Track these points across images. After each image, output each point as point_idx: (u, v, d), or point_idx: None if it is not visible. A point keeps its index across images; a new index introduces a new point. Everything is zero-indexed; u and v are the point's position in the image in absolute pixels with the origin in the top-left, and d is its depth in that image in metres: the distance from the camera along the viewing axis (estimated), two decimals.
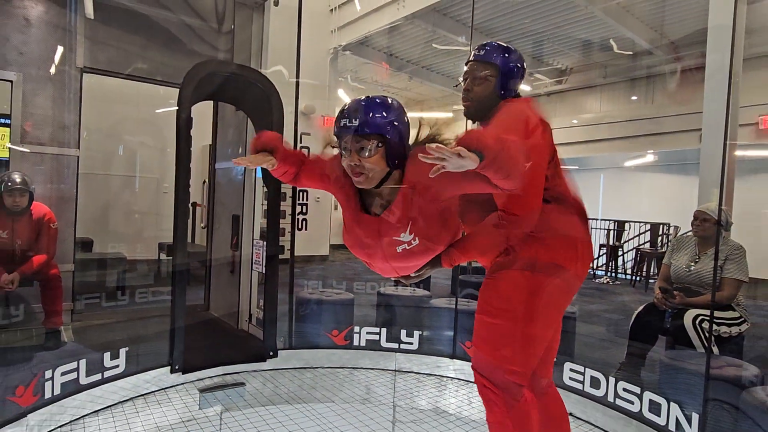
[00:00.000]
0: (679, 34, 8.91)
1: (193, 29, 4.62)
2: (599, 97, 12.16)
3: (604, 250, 9.02)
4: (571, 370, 2.97)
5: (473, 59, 1.92)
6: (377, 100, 1.50)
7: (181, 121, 3.07)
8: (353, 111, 1.48)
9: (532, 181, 1.65)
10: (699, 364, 2.56)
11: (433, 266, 1.76)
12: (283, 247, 3.73)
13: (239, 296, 4.31)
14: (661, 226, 9.14)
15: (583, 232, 1.85)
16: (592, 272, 8.81)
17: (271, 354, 3.52)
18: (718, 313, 2.93)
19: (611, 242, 9.23)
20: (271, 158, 1.68)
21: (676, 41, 9.12)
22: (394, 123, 1.51)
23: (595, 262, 8.75)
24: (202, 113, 4.38)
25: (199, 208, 6.71)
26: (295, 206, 4.01)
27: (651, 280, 7.84)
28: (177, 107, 3.11)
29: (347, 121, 1.47)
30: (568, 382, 2.97)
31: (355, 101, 1.52)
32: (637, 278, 8.30)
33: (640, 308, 3.27)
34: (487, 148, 1.29)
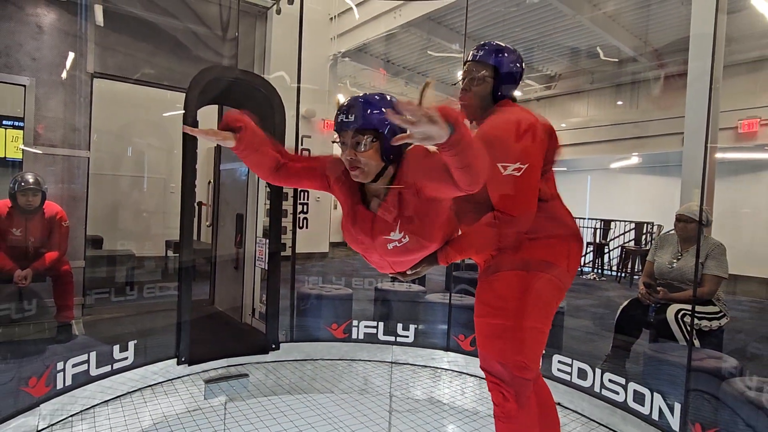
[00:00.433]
0: (663, 42, 8.92)
1: (199, 36, 4.61)
2: (586, 102, 12.16)
3: (591, 248, 9.03)
4: (560, 362, 2.98)
5: (471, 59, 1.85)
6: (375, 97, 1.47)
7: (187, 124, 3.06)
8: (350, 107, 1.46)
9: (528, 184, 1.63)
10: (681, 357, 2.57)
11: (430, 263, 1.73)
12: (285, 245, 3.73)
13: (243, 291, 4.31)
14: (645, 225, 9.15)
15: (573, 229, 1.82)
16: (580, 269, 8.81)
17: (273, 346, 3.52)
18: (699, 308, 2.94)
19: (598, 240, 9.24)
20: (230, 135, 1.52)
21: (660, 49, 9.12)
22: (389, 119, 1.46)
23: (583, 259, 8.75)
24: (208, 117, 4.35)
25: (204, 207, 6.69)
26: (297, 205, 4.01)
27: (635, 277, 7.86)
28: (183, 111, 3.10)
29: (344, 117, 1.46)
30: (557, 373, 2.98)
31: (353, 98, 1.49)
32: (623, 274, 8.31)
33: (625, 303, 3.28)
34: (459, 124, 1.17)
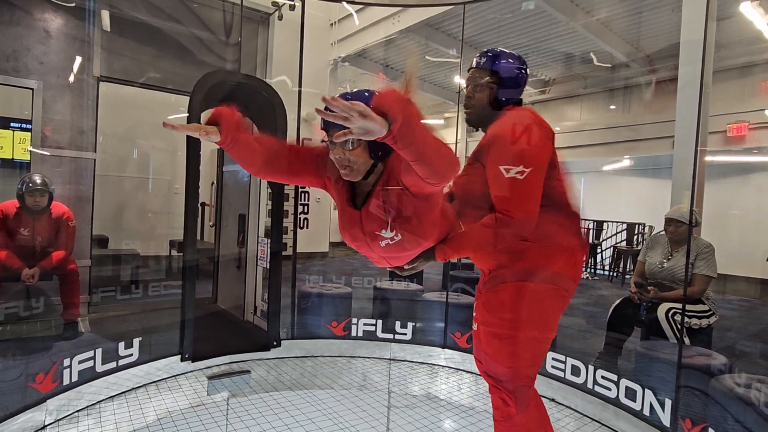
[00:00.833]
0: (654, 48, 8.92)
1: (203, 41, 4.60)
2: (580, 107, 12.17)
3: None
4: (553, 359, 2.98)
5: (474, 66, 1.78)
6: (364, 94, 1.36)
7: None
8: None
9: (530, 187, 1.57)
10: (672, 354, 2.57)
11: (427, 259, 1.67)
12: (286, 245, 3.73)
13: (245, 290, 4.30)
14: (637, 226, 9.16)
15: (579, 238, 1.74)
16: None
17: (275, 344, 3.52)
18: (689, 307, 2.94)
19: (591, 240, 9.24)
20: (213, 129, 1.36)
21: (651, 55, 9.13)
22: None
23: None
24: None
25: (207, 208, 6.67)
26: (297, 206, 4.00)
27: (627, 276, 7.86)
28: (187, 114, 3.10)
29: None
30: (551, 370, 2.98)
31: (340, 95, 1.38)
32: (615, 274, 8.31)
33: (618, 302, 3.28)
34: (398, 115, 1.09)
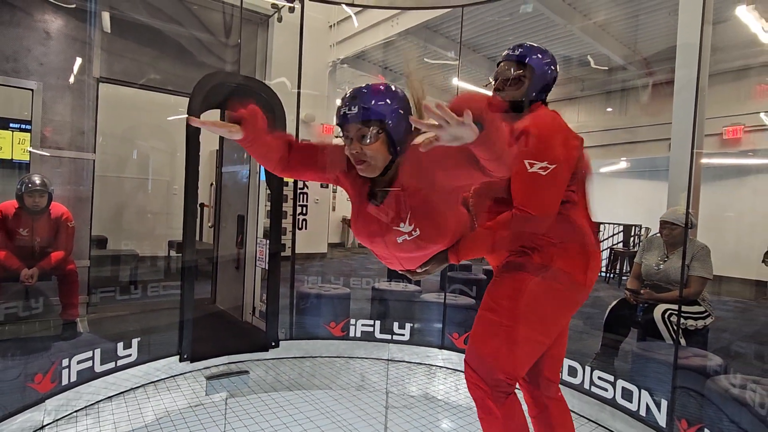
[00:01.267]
0: (651, 51, 8.95)
1: (203, 43, 4.60)
2: (577, 109, 12.19)
3: None
4: None
5: (506, 59, 1.69)
6: (379, 87, 1.35)
7: (190, 128, 3.05)
8: (353, 99, 1.34)
9: (551, 184, 1.52)
10: (668, 355, 2.57)
11: (440, 263, 1.61)
12: (285, 245, 3.72)
13: (244, 290, 4.29)
14: (633, 228, 9.17)
15: (595, 243, 1.68)
16: None
17: (273, 344, 3.51)
18: (685, 308, 2.94)
19: None
20: (236, 127, 1.36)
21: (648, 58, 9.16)
22: (395, 109, 1.35)
23: None
24: None
25: (206, 209, 6.68)
26: (296, 207, 4.00)
27: (624, 278, 7.87)
28: (187, 115, 3.10)
29: (347, 109, 1.34)
30: None
31: (355, 89, 1.37)
32: (611, 275, 8.32)
33: (614, 303, 3.28)
34: (487, 119, 1.08)
